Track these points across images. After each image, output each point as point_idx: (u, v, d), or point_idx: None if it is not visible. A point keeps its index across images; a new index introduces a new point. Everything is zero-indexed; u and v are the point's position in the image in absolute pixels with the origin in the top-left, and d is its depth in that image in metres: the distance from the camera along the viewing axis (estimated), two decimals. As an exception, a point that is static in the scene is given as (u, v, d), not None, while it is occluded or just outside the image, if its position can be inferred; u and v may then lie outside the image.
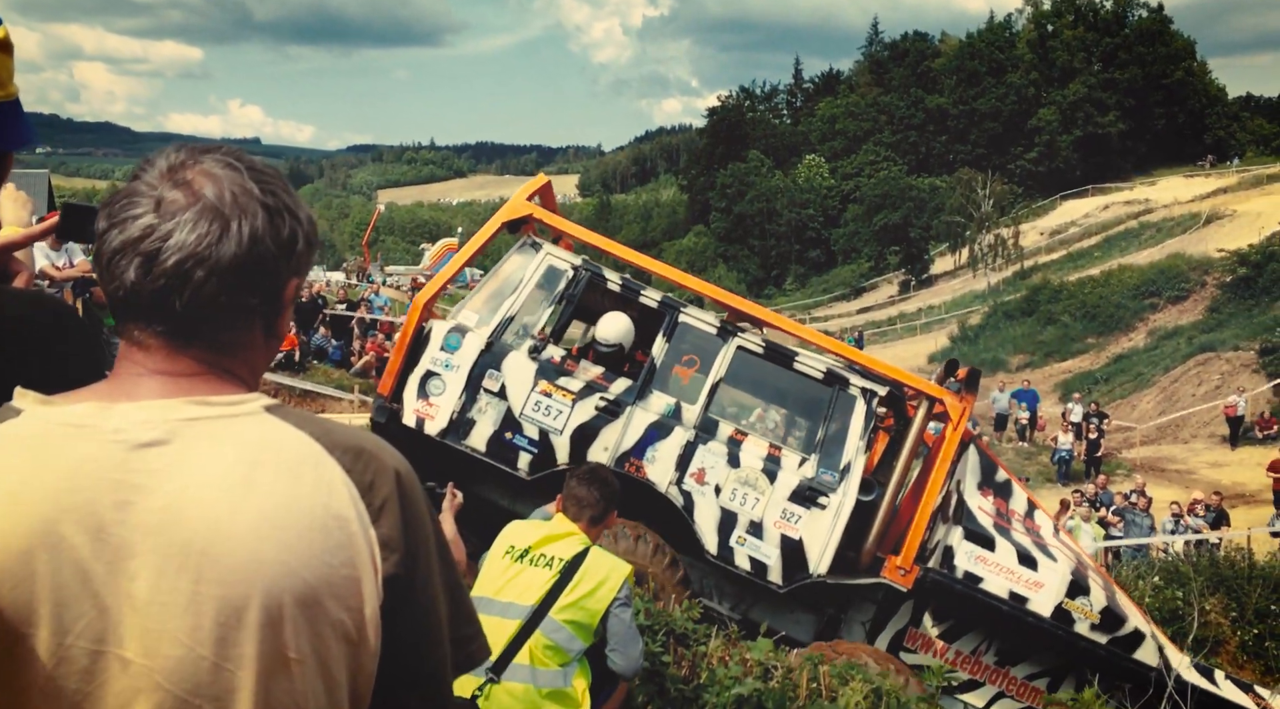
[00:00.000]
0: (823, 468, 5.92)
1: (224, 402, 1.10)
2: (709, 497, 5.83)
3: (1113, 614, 5.99)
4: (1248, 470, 21.17)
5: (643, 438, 5.87)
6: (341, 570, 1.06)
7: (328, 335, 17.05)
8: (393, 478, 1.14)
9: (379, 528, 1.11)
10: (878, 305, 55.74)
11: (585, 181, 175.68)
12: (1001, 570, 5.98)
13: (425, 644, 1.17)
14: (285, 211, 1.14)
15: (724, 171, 76.91)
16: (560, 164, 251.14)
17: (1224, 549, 13.44)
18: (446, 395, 5.84)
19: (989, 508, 6.36)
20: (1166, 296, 35.45)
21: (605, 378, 6.01)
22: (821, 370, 6.15)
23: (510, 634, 3.03)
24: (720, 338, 6.16)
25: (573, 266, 6.15)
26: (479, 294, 6.33)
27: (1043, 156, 71.77)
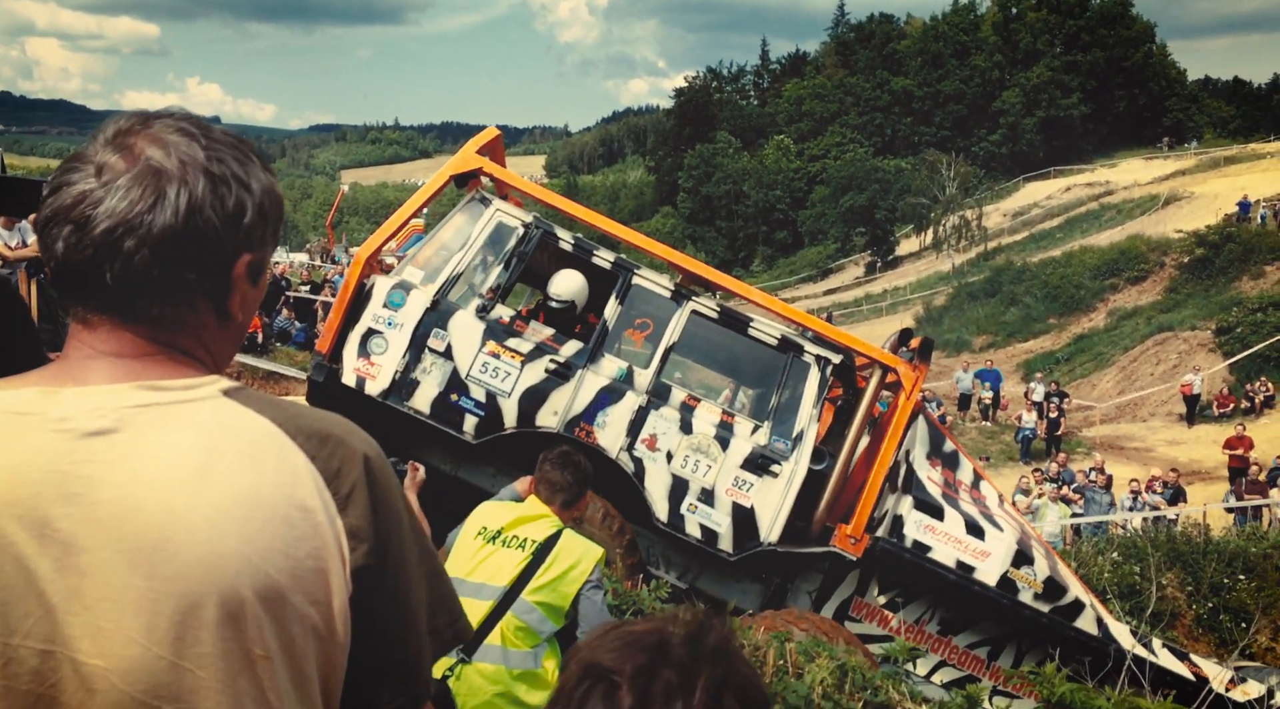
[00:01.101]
0: (775, 436, 5.85)
1: (178, 385, 1.03)
2: (660, 463, 5.72)
3: (1055, 584, 6.07)
4: (1204, 448, 21.63)
5: (593, 402, 5.73)
6: (307, 563, 1.01)
7: (291, 317, 16.84)
8: (361, 464, 1.08)
9: (346, 517, 1.06)
10: (844, 287, 56.06)
11: (552, 162, 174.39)
12: (949, 540, 6.01)
13: (399, 634, 1.13)
14: (233, 180, 1.06)
15: (691, 153, 76.77)
16: (527, 145, 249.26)
17: (1181, 525, 13.75)
18: (389, 354, 5.62)
19: (937, 478, 6.40)
20: (1126, 277, 35.99)
21: (556, 339, 5.85)
22: (776, 337, 6.06)
23: (482, 615, 3.02)
24: (674, 301, 6.02)
25: (523, 224, 5.95)
26: (424, 250, 6.12)
27: (1006, 138, 72.39)
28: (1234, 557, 11.70)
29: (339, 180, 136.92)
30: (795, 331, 6.22)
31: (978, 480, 6.77)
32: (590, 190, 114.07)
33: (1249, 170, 46.11)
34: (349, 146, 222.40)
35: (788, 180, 73.20)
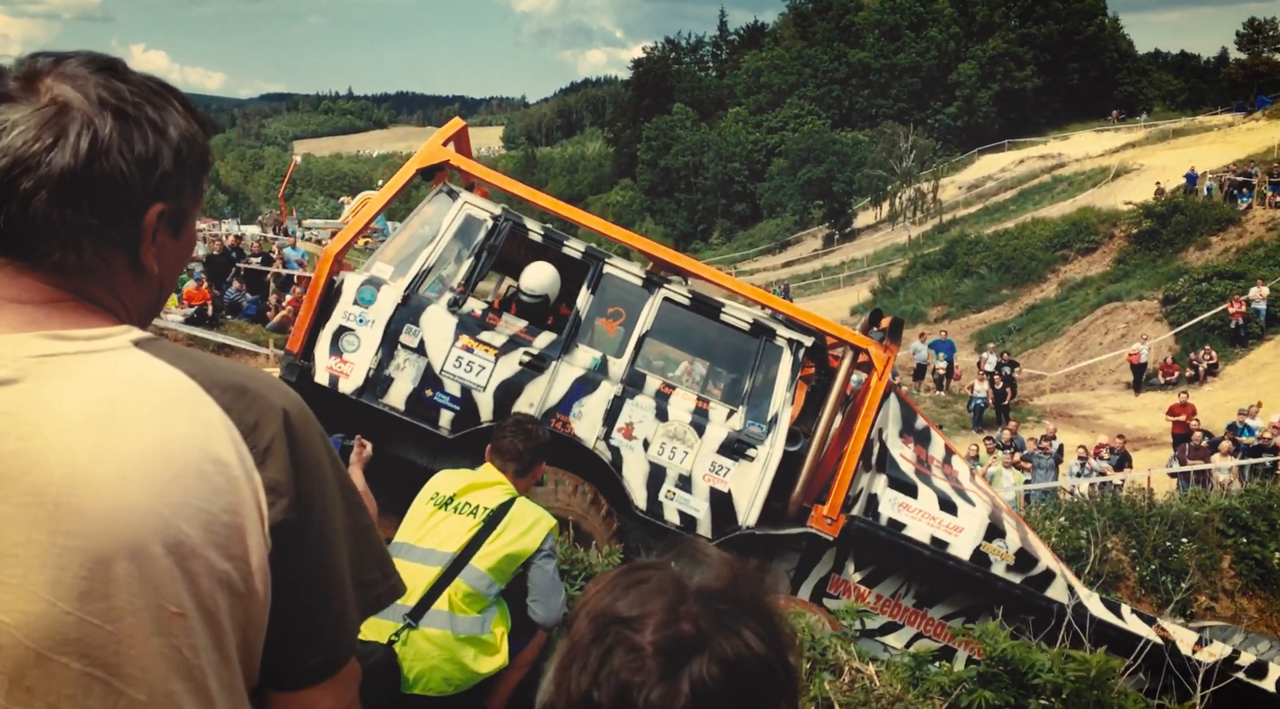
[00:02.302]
0: (750, 420, 5.87)
1: (84, 335, 0.99)
2: (637, 451, 5.73)
3: (1026, 555, 6.20)
4: (1149, 415, 22.14)
5: (569, 393, 5.72)
6: (222, 517, 0.99)
7: (242, 290, 16.54)
8: (280, 418, 1.05)
9: (265, 472, 1.03)
10: (802, 259, 56.35)
11: (510, 134, 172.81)
12: (923, 516, 6.09)
13: (322, 593, 1.11)
14: (147, 124, 1.01)
15: (649, 125, 76.42)
16: (484, 116, 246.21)
17: (1126, 490, 14.10)
18: (361, 352, 5.56)
19: (910, 455, 6.46)
20: (1076, 248, 36.56)
21: (529, 332, 5.81)
22: (748, 321, 6.06)
23: (430, 581, 3.00)
24: (646, 289, 6.00)
25: (492, 216, 5.88)
26: (392, 244, 6.05)
27: (962, 111, 72.96)
28: (1176, 520, 12.02)
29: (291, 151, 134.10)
30: (767, 315, 6.22)
31: (949, 456, 6.86)
32: (549, 162, 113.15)
33: (1196, 143, 46.96)
34: (301, 116, 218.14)
35: (746, 153, 73.20)
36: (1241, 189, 33.86)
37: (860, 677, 3.75)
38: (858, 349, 6.17)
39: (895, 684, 3.83)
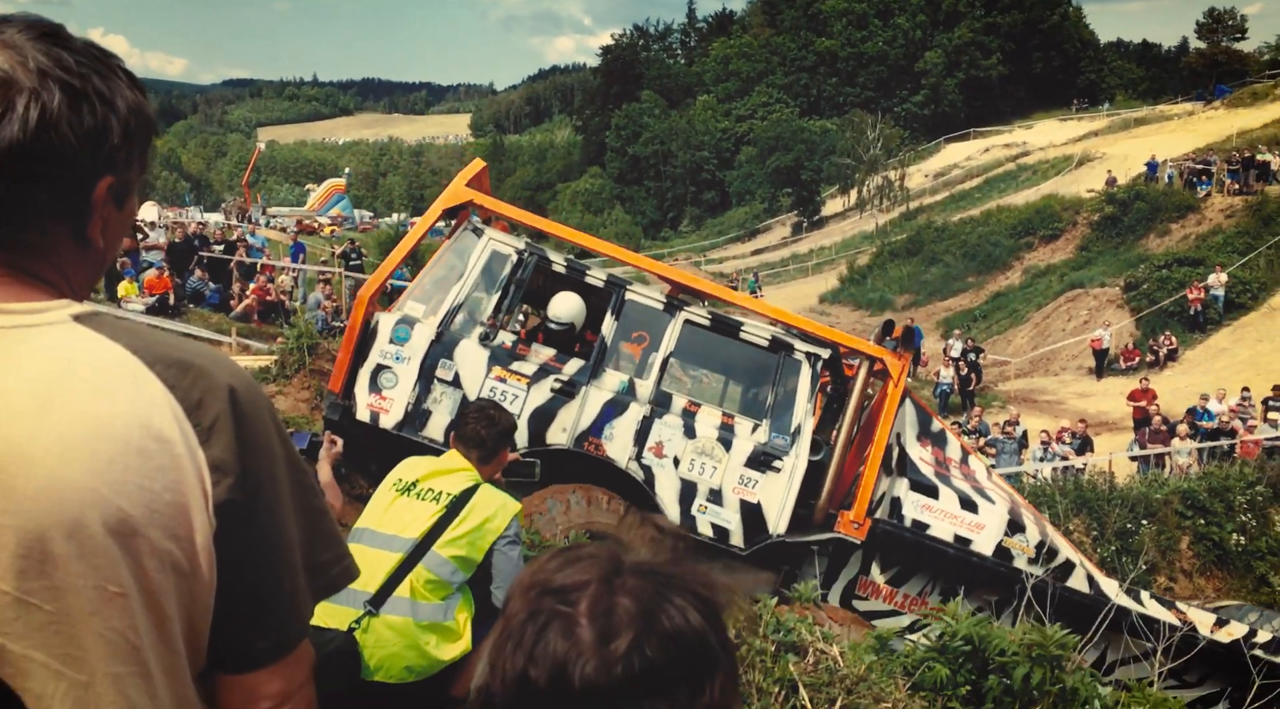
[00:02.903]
0: (774, 432, 6.05)
1: (23, 309, 0.97)
2: (668, 469, 5.92)
3: (1048, 549, 6.36)
4: (1111, 400, 22.51)
5: (599, 416, 5.91)
6: (164, 496, 0.97)
7: (205, 278, 16.30)
8: (225, 394, 1.03)
9: (209, 449, 1.01)
10: (771, 247, 56.53)
11: (478, 121, 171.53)
12: (946, 516, 6.28)
13: (270, 574, 1.09)
14: (95, 97, 0.99)
15: (618, 112, 76.18)
16: (451, 103, 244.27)
17: (1088, 473, 14.32)
18: (400, 388, 5.78)
19: (928, 457, 6.62)
20: (1040, 236, 36.98)
21: (558, 359, 6.00)
22: (767, 338, 6.24)
23: (391, 567, 2.97)
24: (667, 313, 6.19)
25: (516, 250, 6.07)
26: (421, 283, 6.23)
27: (928, 100, 73.42)
28: (1136, 503, 12.26)
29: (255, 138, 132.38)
30: (784, 331, 6.38)
31: (966, 456, 7.03)
32: (517, 150, 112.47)
33: (1157, 131, 47.61)
34: (265, 103, 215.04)
35: (715, 141, 73.22)
36: (1201, 177, 34.39)
37: (825, 658, 3.80)
38: (873, 359, 6.34)
39: (859, 664, 3.87)
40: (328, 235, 40.53)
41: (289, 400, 7.07)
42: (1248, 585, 12.17)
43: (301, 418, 6.82)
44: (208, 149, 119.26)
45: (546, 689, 0.84)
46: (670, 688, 0.84)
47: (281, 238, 29.57)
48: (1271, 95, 47.50)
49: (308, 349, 7.44)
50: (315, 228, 42.94)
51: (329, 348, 7.87)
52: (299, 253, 20.55)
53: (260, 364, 7.91)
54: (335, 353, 7.87)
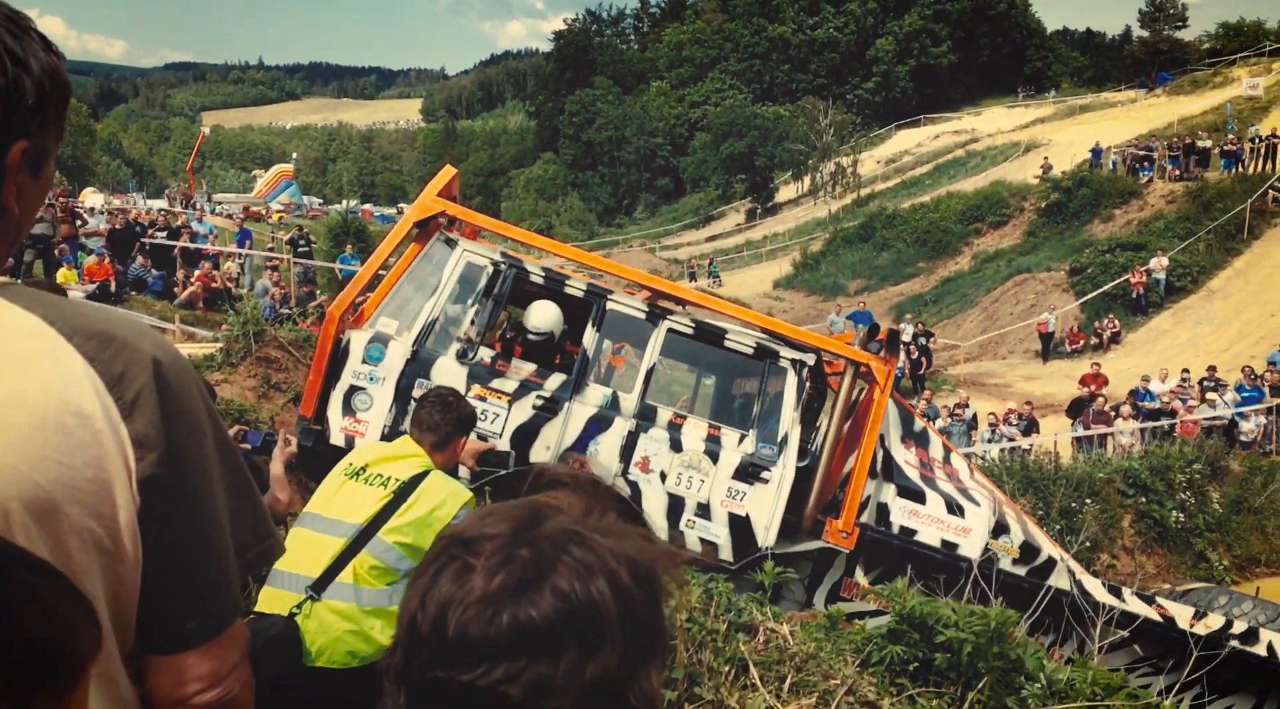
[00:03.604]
0: (761, 442, 5.96)
1: None
2: (655, 484, 5.80)
3: (1030, 547, 6.43)
4: (1057, 382, 22.97)
5: (584, 432, 5.76)
6: (85, 472, 0.94)
7: (147, 265, 15.92)
8: (149, 367, 1.00)
9: (132, 424, 0.98)
10: (725, 233, 56.73)
11: (429, 107, 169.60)
12: (933, 521, 6.27)
13: (199, 552, 1.06)
14: (5, 57, 0.95)
15: (572, 98, 75.80)
16: (401, 88, 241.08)
17: (1034, 454, 14.62)
18: (375, 410, 5.56)
19: (913, 460, 6.61)
20: (989, 222, 37.55)
21: (539, 375, 5.81)
22: (751, 345, 6.12)
23: (335, 552, 2.91)
24: (650, 322, 6.02)
25: (492, 262, 5.85)
26: (394, 298, 5.98)
27: (880, 87, 74.09)
28: (1080, 482, 12.53)
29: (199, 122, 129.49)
30: (767, 338, 6.27)
31: (948, 455, 7.03)
32: (470, 136, 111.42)
33: (1101, 118, 48.57)
34: (209, 86, 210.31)
35: (668, 127, 73.20)
36: (1143, 163, 35.14)
37: (775, 636, 3.83)
38: (858, 364, 6.26)
39: (809, 643, 3.91)
40: (276, 222, 39.85)
41: (235, 389, 6.94)
42: (1187, 562, 12.52)
43: (248, 406, 6.69)
44: (150, 134, 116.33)
45: (428, 635, 0.82)
46: (555, 650, 0.80)
47: (228, 225, 29.01)
48: (1211, 83, 48.70)
49: (254, 336, 7.30)
50: (263, 214, 42.18)
51: (276, 335, 7.74)
52: (245, 239, 20.17)
53: (205, 352, 7.74)
54: (283, 340, 7.75)
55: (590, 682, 0.81)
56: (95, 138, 69.27)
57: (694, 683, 3.28)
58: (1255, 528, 13.17)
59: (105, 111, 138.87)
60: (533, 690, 0.79)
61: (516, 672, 0.79)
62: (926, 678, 3.84)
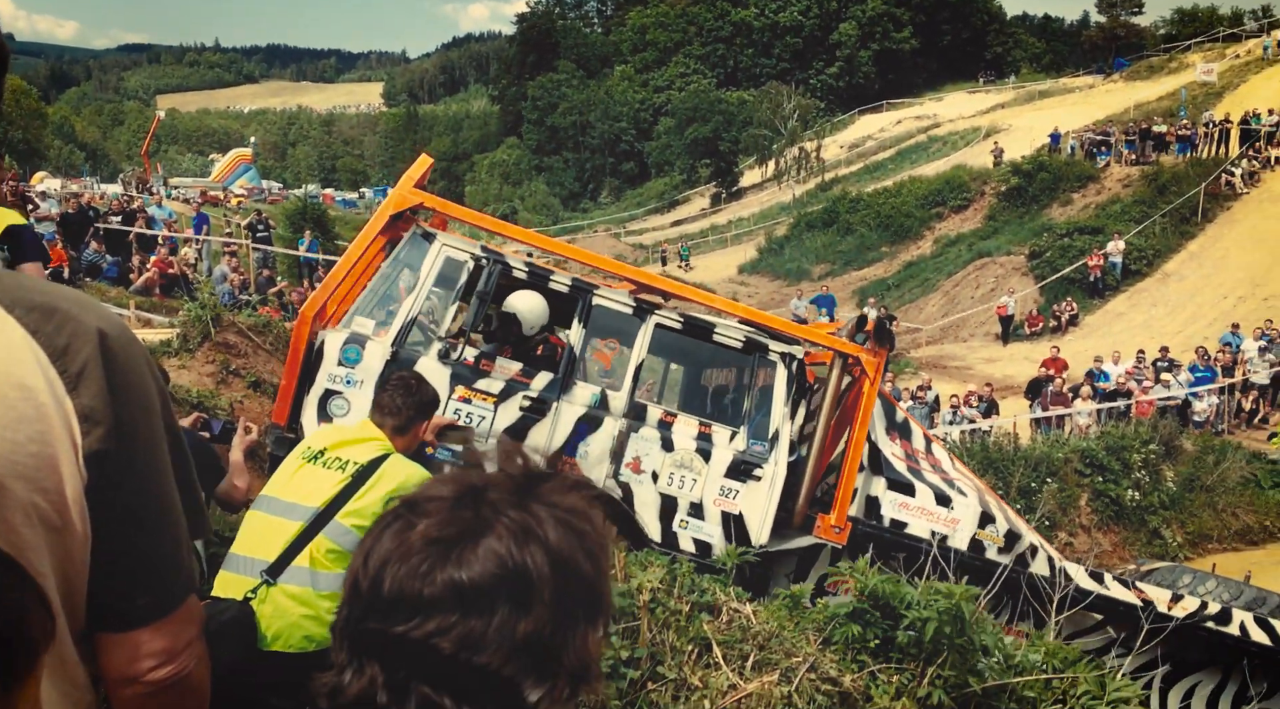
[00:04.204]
0: (753, 439, 5.83)
1: None
2: (647, 485, 5.64)
3: (1013, 535, 6.44)
4: (1016, 364, 23.31)
5: (573, 433, 5.54)
6: (28, 447, 0.92)
7: (101, 250, 15.59)
8: (94, 339, 0.98)
9: (77, 398, 0.96)
10: (690, 218, 56.77)
11: (390, 90, 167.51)
12: (923, 513, 6.23)
13: (150, 525, 1.05)
14: None
15: (535, 83, 75.26)
16: (362, 71, 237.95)
17: (994, 435, 14.84)
18: (353, 415, 5.18)
19: (899, 452, 6.56)
20: (950, 206, 37.92)
21: (525, 374, 5.59)
22: (740, 339, 5.96)
23: (291, 536, 2.88)
24: (637, 317, 5.81)
25: (473, 256, 5.58)
26: (369, 296, 5.71)
27: (843, 71, 74.36)
28: (1039, 462, 12.75)
29: (154, 106, 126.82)
30: (756, 331, 6.11)
31: (929, 445, 6.98)
32: (432, 120, 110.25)
33: (1060, 103, 49.17)
34: (164, 69, 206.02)
35: (633, 112, 72.97)
36: (1100, 148, 35.65)
37: (738, 616, 3.85)
38: (847, 356, 6.14)
39: (772, 622, 3.94)
40: (235, 207, 39.22)
41: (192, 375, 6.83)
42: (1141, 539, 12.80)
43: (206, 393, 6.60)
44: (103, 117, 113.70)
45: (367, 590, 0.84)
46: (487, 607, 0.82)
47: (185, 209, 28.50)
48: (1166, 69, 49.46)
49: (212, 321, 7.19)
50: (221, 199, 41.50)
51: (235, 320, 7.63)
52: (202, 224, 19.82)
53: (161, 337, 7.61)
54: (242, 326, 7.64)
55: (521, 639, 0.83)
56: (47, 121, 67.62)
57: (657, 662, 3.29)
58: (1207, 505, 13.50)
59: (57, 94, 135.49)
60: (463, 645, 0.81)
61: (448, 626, 0.81)
62: (888, 655, 3.89)
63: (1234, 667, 6.74)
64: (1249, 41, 47.30)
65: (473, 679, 0.82)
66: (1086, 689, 3.53)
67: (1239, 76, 41.32)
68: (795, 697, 3.42)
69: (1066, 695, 3.64)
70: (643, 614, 3.36)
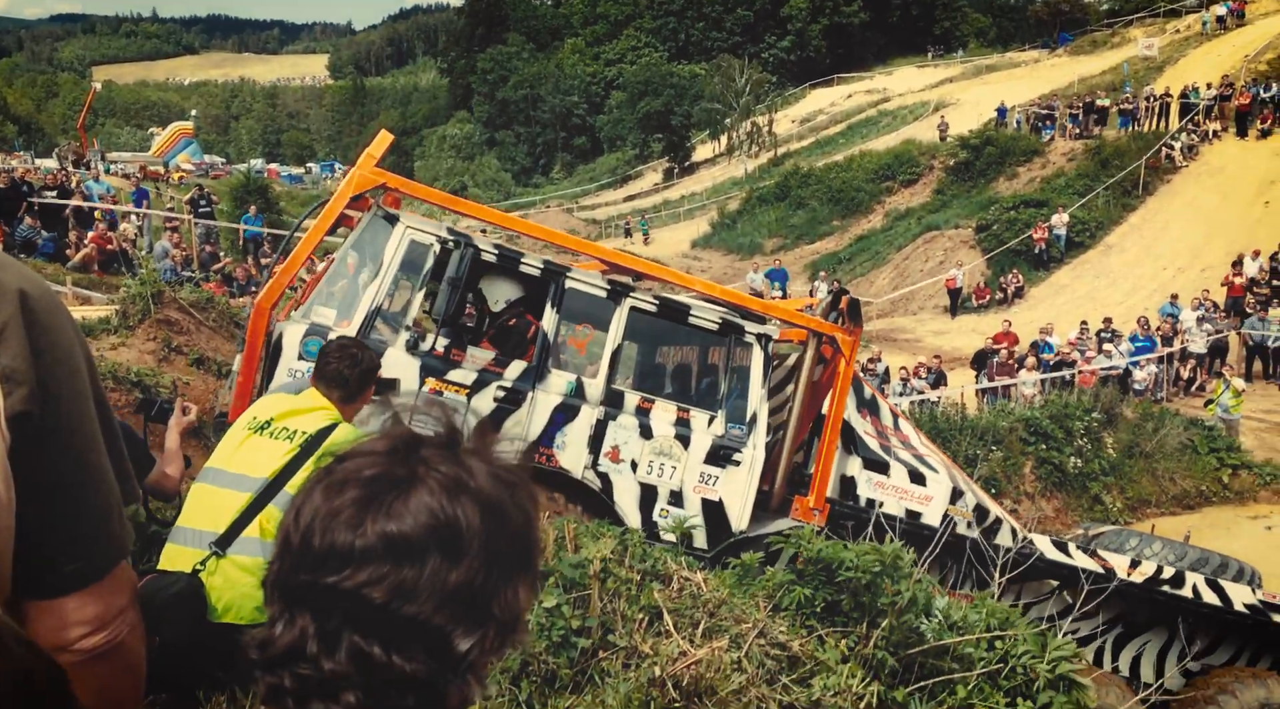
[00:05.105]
0: (731, 423, 5.73)
1: None
2: (626, 474, 5.51)
3: (981, 509, 6.56)
4: (964, 336, 23.70)
5: (549, 424, 5.36)
6: None
7: (36, 226, 15.13)
8: (14, 299, 0.96)
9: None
10: (643, 193, 56.64)
11: (336, 63, 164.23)
12: (897, 491, 6.27)
13: (77, 491, 1.03)
14: None
15: (485, 55, 74.24)
16: (306, 43, 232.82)
17: (941, 406, 15.11)
18: None
19: (871, 430, 6.55)
20: (900, 180, 38.27)
21: (498, 363, 5.39)
22: (716, 321, 5.84)
23: (240, 507, 2.85)
24: (612, 300, 5.62)
25: (439, 239, 5.29)
26: (330, 283, 5.45)
27: (794, 45, 74.38)
28: (985, 431, 13.01)
29: (90, 78, 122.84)
30: (731, 312, 6.00)
31: (897, 421, 6.99)
32: (380, 93, 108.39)
33: (1006, 78, 49.71)
34: (100, 39, 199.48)
35: (584, 85, 72.37)
36: (1045, 122, 36.18)
37: (689, 584, 3.89)
38: (821, 335, 6.08)
39: (722, 589, 3.99)
40: (176, 182, 38.26)
41: (132, 352, 6.68)
42: (1083, 504, 13.15)
43: (147, 370, 6.46)
44: (37, 89, 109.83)
45: (299, 543, 0.85)
46: (418, 558, 0.84)
47: (124, 184, 27.76)
48: (1109, 43, 50.26)
49: (152, 297, 7.03)
50: (161, 174, 40.44)
51: (176, 296, 7.47)
52: (142, 199, 19.30)
53: (100, 315, 7.42)
54: (184, 302, 7.48)
55: (452, 590, 0.84)
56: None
57: (608, 631, 3.32)
58: (1146, 471, 13.89)
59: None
60: (394, 594, 0.83)
61: (379, 576, 0.83)
62: (833, 619, 3.97)
63: (1179, 626, 6.99)
64: (1188, 16, 48.17)
65: (403, 628, 0.83)
66: (1026, 649, 3.63)
67: (1179, 51, 42.14)
68: (744, 661, 3.47)
69: (1008, 656, 3.74)
70: (593, 584, 3.38)
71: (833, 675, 3.52)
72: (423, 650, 0.84)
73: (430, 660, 0.84)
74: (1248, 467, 14.44)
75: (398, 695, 0.84)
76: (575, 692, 3.16)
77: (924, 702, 3.60)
